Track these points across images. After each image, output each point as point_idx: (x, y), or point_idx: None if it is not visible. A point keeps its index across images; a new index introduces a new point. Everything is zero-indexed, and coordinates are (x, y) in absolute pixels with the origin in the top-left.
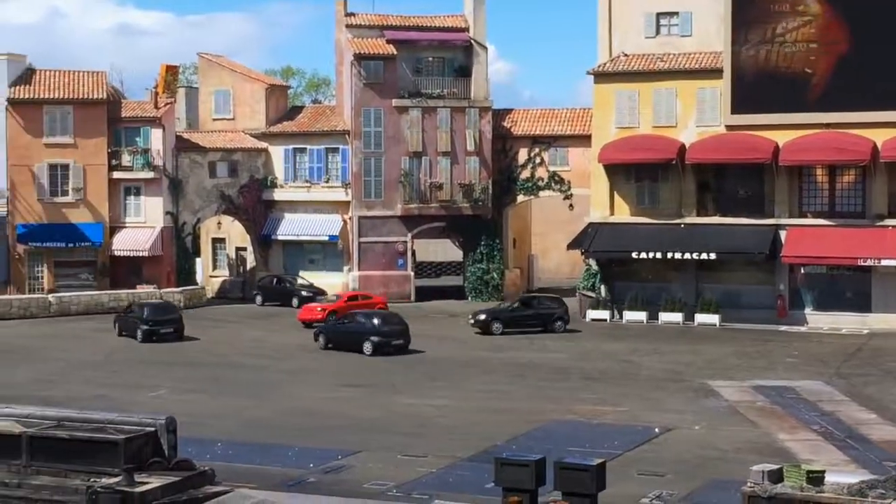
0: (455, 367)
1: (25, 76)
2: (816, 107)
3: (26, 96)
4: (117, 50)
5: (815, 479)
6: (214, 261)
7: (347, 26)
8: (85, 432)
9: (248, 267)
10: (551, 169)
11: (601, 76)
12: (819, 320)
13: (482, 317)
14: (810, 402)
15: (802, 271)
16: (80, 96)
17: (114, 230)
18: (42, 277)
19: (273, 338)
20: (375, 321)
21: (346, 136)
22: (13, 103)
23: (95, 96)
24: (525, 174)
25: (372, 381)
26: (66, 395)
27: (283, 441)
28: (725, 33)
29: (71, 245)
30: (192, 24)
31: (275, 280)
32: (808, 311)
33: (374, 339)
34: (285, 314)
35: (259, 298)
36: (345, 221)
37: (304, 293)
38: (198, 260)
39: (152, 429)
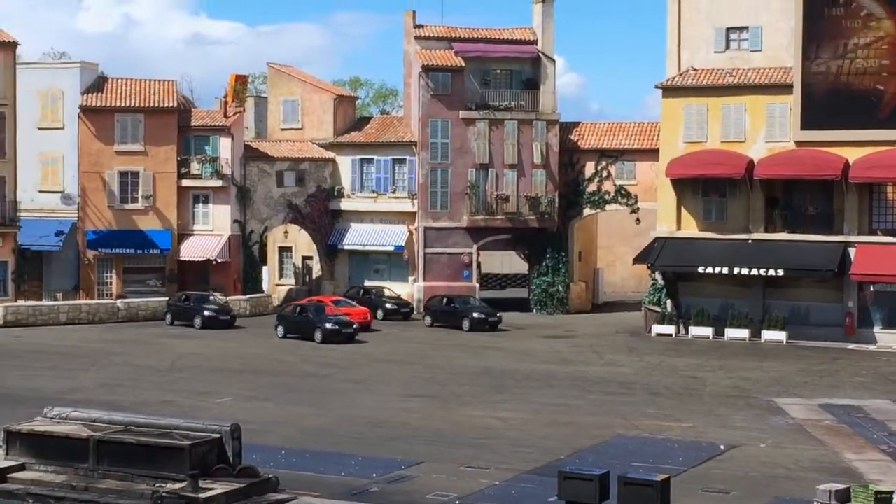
0: (521, 380)
1: (98, 84)
2: (887, 123)
3: (98, 104)
4: (189, 59)
5: (884, 499)
6: (281, 269)
7: (416, 38)
8: (151, 437)
9: (314, 276)
10: (618, 182)
11: (670, 90)
12: (888, 339)
13: None
14: (878, 421)
15: (872, 289)
16: (151, 104)
17: (182, 237)
18: (111, 283)
19: (339, 347)
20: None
21: (413, 147)
22: (85, 111)
23: (166, 104)
24: (592, 187)
25: (438, 392)
26: (133, 400)
27: (347, 450)
28: (796, 48)
29: (140, 251)
30: (262, 33)
31: (361, 291)
32: (876, 329)
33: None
34: None
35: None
36: (411, 232)
37: (388, 305)
38: (264, 268)
39: (217, 435)
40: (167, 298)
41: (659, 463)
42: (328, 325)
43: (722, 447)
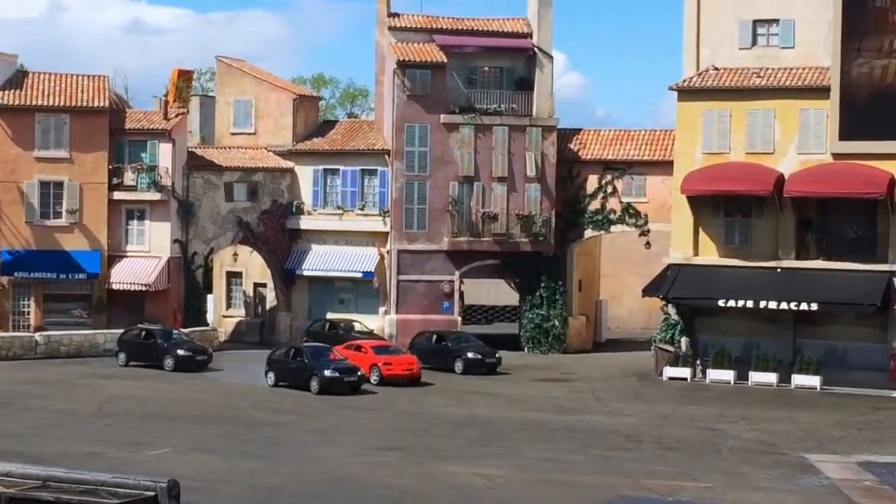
0: (509, 431)
1: (16, 79)
2: None
3: (16, 102)
4: (125, 50)
5: None
6: (229, 298)
7: (390, 28)
8: (73, 495)
9: (268, 306)
10: (625, 200)
11: (686, 93)
12: None
13: None
14: None
15: None
16: (79, 103)
17: (113, 260)
18: (29, 313)
19: (297, 391)
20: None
21: (386, 157)
22: (1, 110)
23: (96, 104)
24: (594, 205)
25: (412, 444)
26: (52, 451)
27: None
28: (834, 45)
29: (63, 276)
30: (212, 22)
31: (327, 325)
32: None
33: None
34: None
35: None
36: (382, 256)
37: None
38: (209, 297)
39: (152, 493)
40: (106, 332)
41: None
42: (326, 373)
43: None
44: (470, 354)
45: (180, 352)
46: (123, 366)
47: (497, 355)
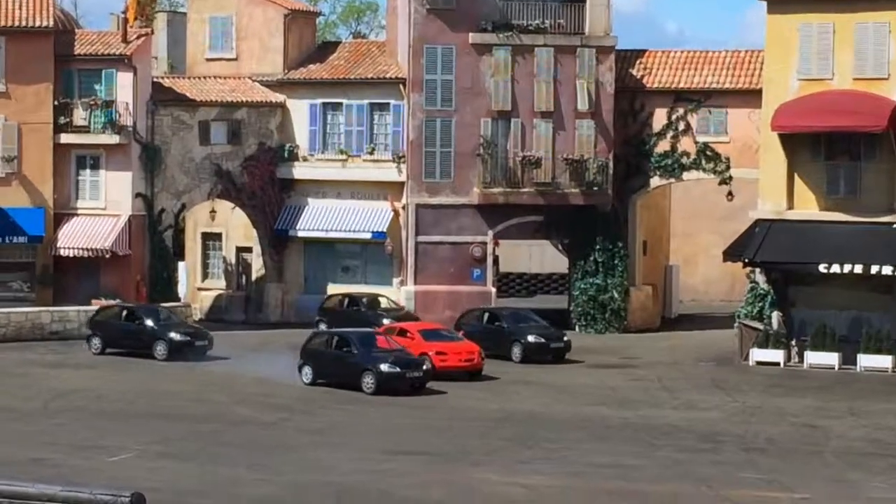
0: (557, 430)
1: None
2: None
3: None
4: None
5: None
6: (205, 266)
7: None
8: None
9: (255, 276)
10: (701, 139)
11: (778, 3)
12: None
13: None
14: None
15: None
16: (16, 23)
17: (60, 219)
18: None
19: (296, 380)
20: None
21: (401, 88)
22: None
23: (38, 23)
24: (663, 146)
25: (436, 446)
26: None
27: None
28: None
29: None
30: None
31: (346, 301)
32: None
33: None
34: None
35: (323, 327)
36: (396, 212)
37: (386, 320)
38: (181, 264)
39: None
40: (52, 310)
41: None
42: (384, 367)
43: None
44: (531, 338)
45: (175, 335)
46: (98, 353)
47: (565, 338)
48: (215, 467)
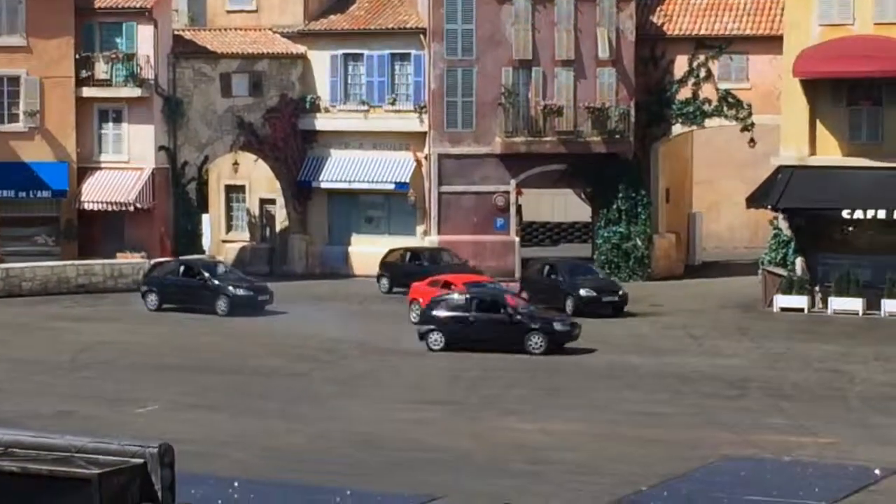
0: (584, 378)
1: None
2: None
3: None
4: None
5: None
6: (229, 219)
7: None
8: (43, 464)
9: (279, 228)
10: (723, 86)
11: None
12: None
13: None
14: None
15: None
16: None
17: (83, 173)
18: None
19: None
20: None
21: (422, 38)
22: None
23: None
24: (684, 94)
25: (465, 396)
26: (16, 411)
27: (331, 481)
28: None
29: (22, 195)
30: None
31: (407, 256)
32: None
33: None
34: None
35: (385, 283)
36: (419, 162)
37: None
38: (205, 217)
39: (140, 460)
40: (77, 263)
41: (786, 496)
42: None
43: (877, 472)
44: (583, 291)
45: (237, 290)
46: (155, 310)
47: (621, 291)
48: (245, 418)
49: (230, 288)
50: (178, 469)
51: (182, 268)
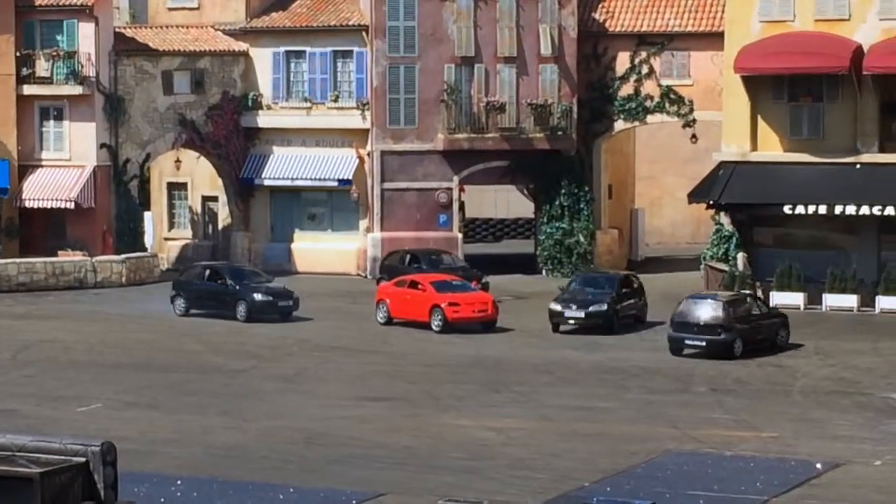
0: (527, 374)
1: None
2: None
3: None
4: None
5: None
6: (171, 216)
7: None
8: None
9: (221, 225)
10: (665, 82)
11: None
12: None
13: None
14: None
15: None
16: None
17: (24, 171)
18: None
19: (264, 328)
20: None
21: (364, 35)
22: None
23: None
24: (626, 90)
25: (407, 392)
26: None
27: (273, 478)
28: None
29: None
30: None
31: (407, 258)
32: None
33: None
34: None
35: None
36: (361, 159)
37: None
38: (147, 214)
39: (82, 459)
40: (19, 261)
41: (728, 491)
42: None
43: (819, 466)
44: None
45: (257, 296)
46: (183, 315)
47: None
48: (187, 416)
49: (251, 293)
50: (121, 467)
51: (208, 272)
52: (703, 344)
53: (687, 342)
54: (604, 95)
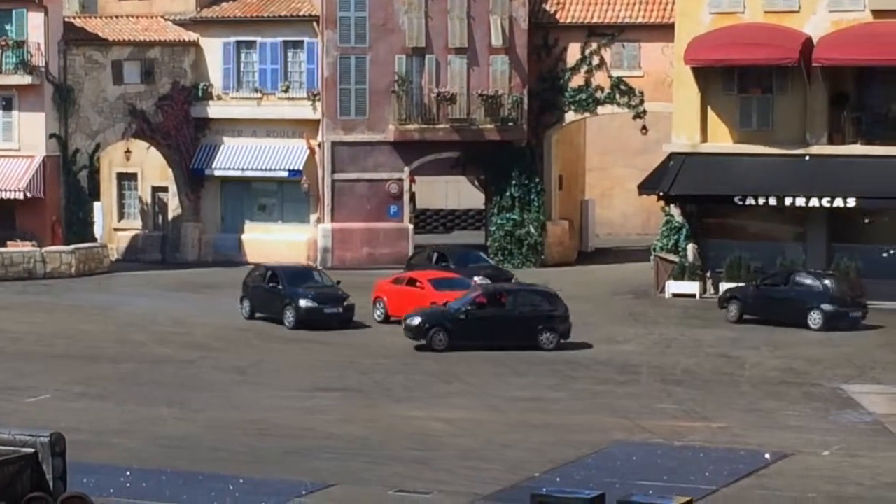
0: (478, 366)
1: None
2: None
3: None
4: None
5: None
6: (121, 206)
7: None
8: None
9: (171, 216)
10: (615, 74)
11: None
12: None
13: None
14: None
15: None
16: None
17: None
18: None
19: (215, 319)
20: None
21: (315, 25)
22: None
23: None
24: (577, 81)
25: (358, 383)
26: None
27: (224, 469)
28: None
29: None
30: None
31: (435, 256)
32: None
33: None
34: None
35: None
36: (312, 150)
37: (477, 278)
38: (96, 205)
39: (31, 450)
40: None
41: (677, 481)
42: None
43: (768, 456)
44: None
45: (302, 302)
46: (248, 318)
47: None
48: (137, 406)
49: (297, 298)
50: (70, 458)
51: (269, 273)
52: None
53: None
54: (554, 86)
